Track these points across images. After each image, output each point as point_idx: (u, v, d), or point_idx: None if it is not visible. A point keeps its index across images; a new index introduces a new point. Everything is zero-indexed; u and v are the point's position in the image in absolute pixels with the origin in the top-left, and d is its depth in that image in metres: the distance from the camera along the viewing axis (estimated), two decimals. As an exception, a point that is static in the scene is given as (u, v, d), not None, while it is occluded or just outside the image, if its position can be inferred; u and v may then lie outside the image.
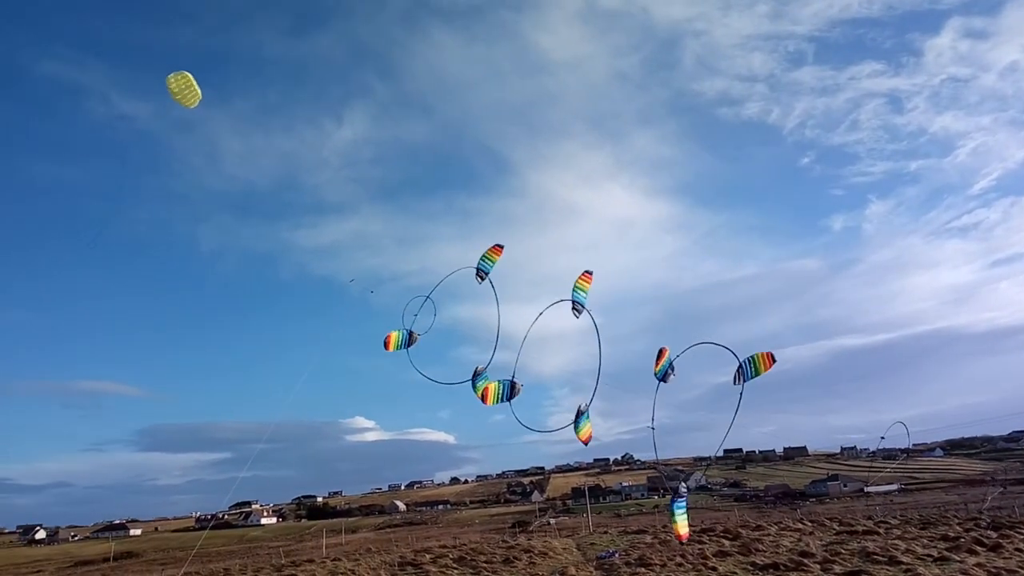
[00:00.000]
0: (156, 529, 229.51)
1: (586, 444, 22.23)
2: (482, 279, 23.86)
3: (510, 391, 21.94)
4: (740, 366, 19.28)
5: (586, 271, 22.90)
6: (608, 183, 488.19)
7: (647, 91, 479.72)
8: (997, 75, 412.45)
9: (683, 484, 21.88)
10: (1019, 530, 36.58)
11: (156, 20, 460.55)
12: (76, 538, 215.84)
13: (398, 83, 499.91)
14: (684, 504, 20.55)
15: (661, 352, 21.63)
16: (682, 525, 20.50)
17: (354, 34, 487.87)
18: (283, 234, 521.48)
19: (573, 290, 22.58)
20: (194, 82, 20.53)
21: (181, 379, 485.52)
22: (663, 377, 21.63)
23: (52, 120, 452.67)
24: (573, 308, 22.49)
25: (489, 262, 23.82)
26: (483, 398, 21.98)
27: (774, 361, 19.25)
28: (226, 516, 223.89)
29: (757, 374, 19.17)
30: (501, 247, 23.99)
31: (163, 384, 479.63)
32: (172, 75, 20.35)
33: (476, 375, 22.78)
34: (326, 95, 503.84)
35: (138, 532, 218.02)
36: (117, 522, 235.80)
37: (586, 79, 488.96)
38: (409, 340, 24.53)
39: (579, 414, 21.41)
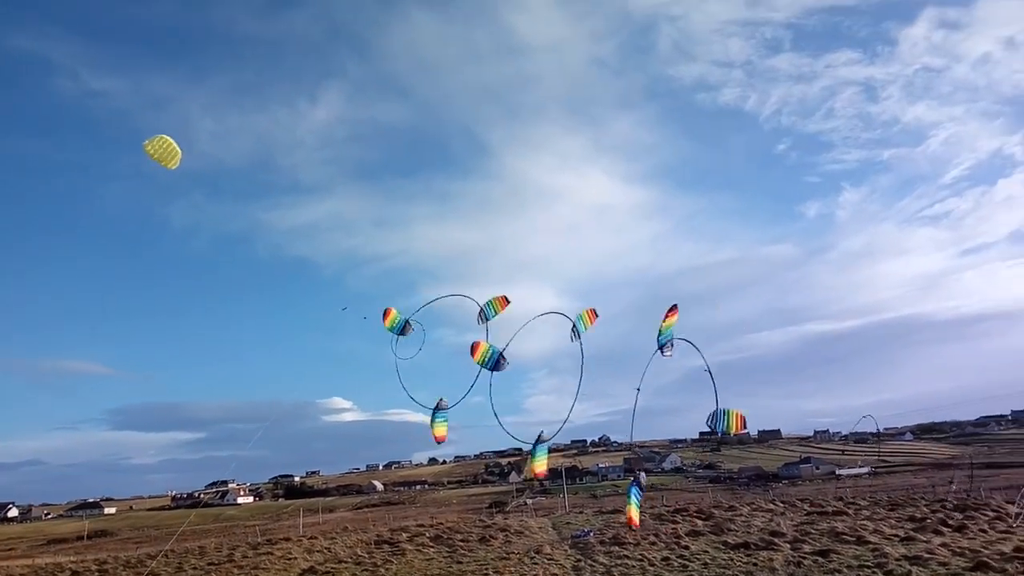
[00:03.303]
0: (131, 508, 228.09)
1: (538, 477, 22.57)
2: (482, 322, 23.84)
3: (496, 361, 21.94)
4: (714, 413, 19.63)
5: (593, 309, 22.92)
6: (587, 167, 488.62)
7: (624, 76, 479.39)
8: (970, 66, 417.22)
9: (642, 474, 22.14)
10: (984, 512, 37.45)
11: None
12: (49, 516, 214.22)
13: (374, 63, 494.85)
14: (638, 493, 20.76)
15: (672, 309, 21.53)
16: (634, 512, 20.74)
17: (329, 13, 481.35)
18: (258, 214, 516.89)
19: (578, 317, 22.51)
20: (173, 144, 20.20)
21: (154, 358, 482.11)
22: (662, 346, 21.63)
23: (20, 95, 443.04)
24: (572, 330, 22.45)
25: (493, 310, 23.82)
26: (472, 352, 22.03)
27: (745, 427, 19.72)
28: (202, 495, 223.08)
29: (727, 432, 19.63)
30: (508, 300, 24.03)
31: (136, 363, 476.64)
32: (148, 141, 20.03)
33: (438, 409, 22.80)
34: (301, 74, 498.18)
35: (112, 511, 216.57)
36: (91, 500, 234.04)
37: (564, 63, 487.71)
38: (403, 328, 24.37)
39: (538, 441, 21.38)
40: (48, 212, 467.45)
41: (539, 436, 21.33)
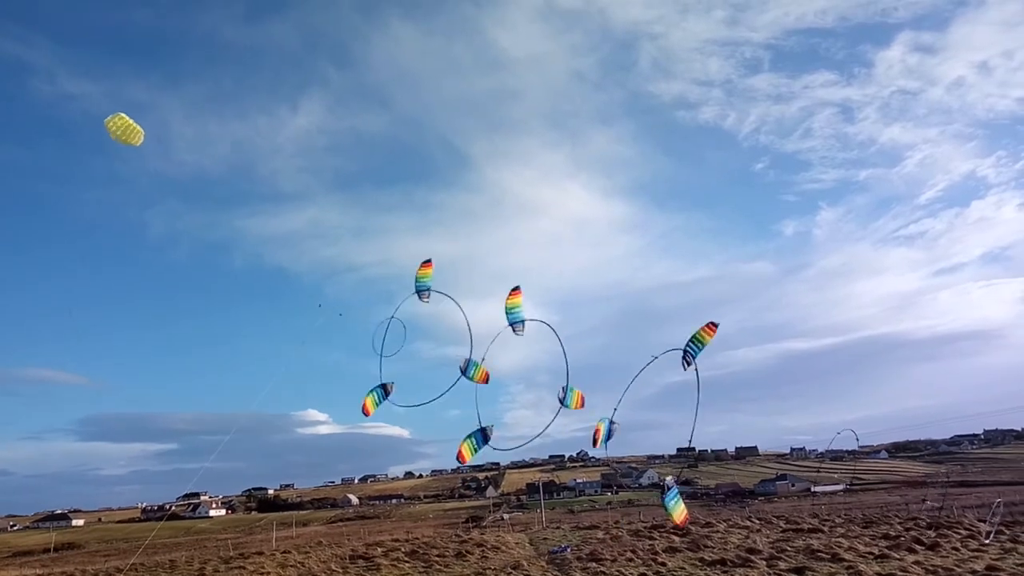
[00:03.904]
0: (100, 520, 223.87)
1: (581, 408, 22.09)
2: (427, 298, 23.64)
3: (483, 440, 21.78)
4: (685, 350, 19.51)
5: (514, 288, 22.72)
6: (566, 181, 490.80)
7: (605, 91, 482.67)
8: (944, 89, 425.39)
9: (669, 477, 22.08)
10: (956, 530, 37.82)
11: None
12: (15, 528, 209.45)
13: (355, 73, 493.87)
14: (676, 492, 20.56)
15: (596, 431, 21.50)
16: (679, 513, 20.51)
17: (310, 22, 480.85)
18: (236, 222, 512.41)
19: (506, 311, 22.36)
20: (132, 122, 19.77)
21: (127, 368, 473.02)
22: (608, 439, 21.62)
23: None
24: (513, 329, 22.37)
25: (425, 280, 23.63)
26: (459, 458, 21.84)
27: (715, 326, 19.53)
28: (173, 507, 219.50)
29: (703, 346, 19.40)
30: (429, 261, 23.84)
31: (108, 373, 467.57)
32: (109, 118, 19.58)
33: (464, 369, 22.58)
34: (281, 83, 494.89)
35: (81, 522, 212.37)
36: (59, 512, 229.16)
37: (545, 77, 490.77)
38: (385, 393, 24.01)
39: (563, 403, 21.34)
40: (21, 217, 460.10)
41: (560, 398, 21.33)
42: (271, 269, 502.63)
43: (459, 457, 21.88)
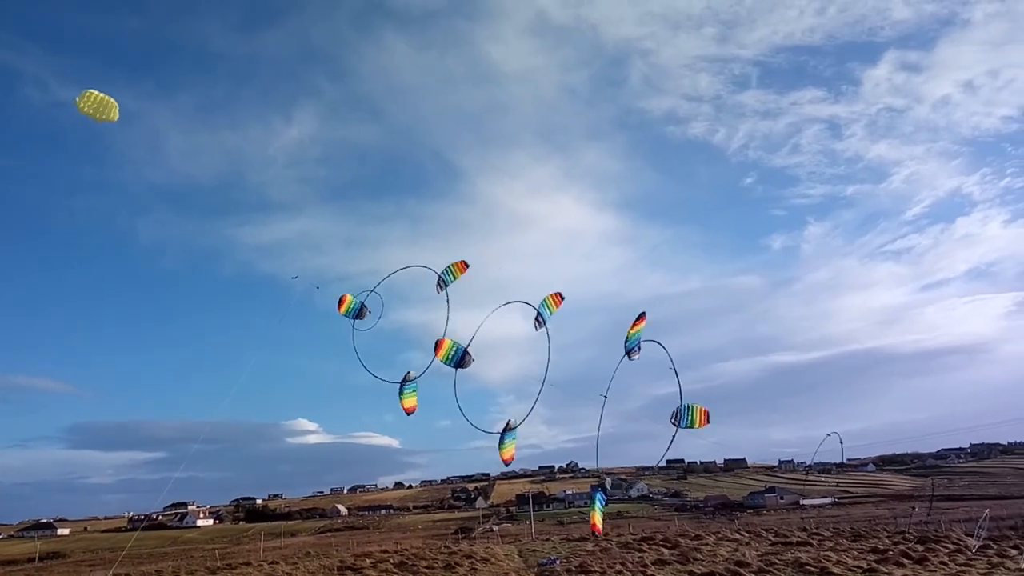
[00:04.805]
0: (85, 529, 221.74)
1: (507, 464, 22.54)
2: (440, 290, 23.87)
3: (461, 357, 22.03)
4: (678, 410, 19.89)
5: (558, 293, 23.26)
6: (557, 195, 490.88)
7: (595, 106, 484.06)
8: (930, 107, 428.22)
9: (607, 479, 22.48)
10: (944, 544, 38.01)
11: (98, 7, 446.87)
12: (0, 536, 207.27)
13: (348, 85, 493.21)
14: (604, 498, 20.92)
15: (641, 316, 21.86)
16: (598, 517, 20.86)
17: (304, 34, 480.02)
18: (227, 231, 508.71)
19: (542, 303, 22.79)
20: (105, 96, 19.44)
21: (114, 376, 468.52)
22: (630, 351, 21.93)
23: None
24: (536, 319, 22.70)
25: (451, 275, 23.87)
26: (437, 348, 22.08)
27: (708, 421, 20.02)
28: (160, 517, 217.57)
29: (691, 425, 19.85)
30: (467, 264, 24.07)
31: (95, 381, 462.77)
32: (79, 97, 19.21)
33: (405, 381, 22.85)
34: (274, 93, 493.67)
35: (66, 532, 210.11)
36: (44, 521, 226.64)
37: (536, 92, 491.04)
38: (360, 312, 24.58)
39: (506, 429, 21.57)
40: (11, 225, 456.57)
41: (507, 424, 21.60)
42: (260, 278, 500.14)
43: (437, 347, 22.27)
